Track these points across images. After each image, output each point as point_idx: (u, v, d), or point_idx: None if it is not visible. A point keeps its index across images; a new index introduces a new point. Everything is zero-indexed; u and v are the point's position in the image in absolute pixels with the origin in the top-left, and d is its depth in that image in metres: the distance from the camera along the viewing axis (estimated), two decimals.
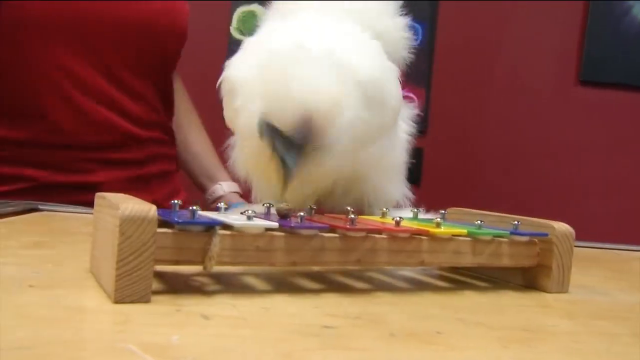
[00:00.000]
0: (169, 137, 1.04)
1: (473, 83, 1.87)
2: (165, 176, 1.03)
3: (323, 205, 0.68)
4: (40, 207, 0.82)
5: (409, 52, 0.69)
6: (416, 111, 0.73)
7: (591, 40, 1.89)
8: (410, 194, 0.71)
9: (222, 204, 0.47)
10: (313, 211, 0.51)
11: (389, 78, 0.62)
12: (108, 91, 0.90)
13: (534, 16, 1.90)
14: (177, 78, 1.13)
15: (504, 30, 1.90)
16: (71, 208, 0.84)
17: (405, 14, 0.69)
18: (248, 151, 0.59)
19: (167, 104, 1.04)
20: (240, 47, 0.64)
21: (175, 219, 0.39)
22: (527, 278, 0.54)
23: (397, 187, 0.70)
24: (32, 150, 0.91)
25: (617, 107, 1.93)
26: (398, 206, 0.70)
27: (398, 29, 0.69)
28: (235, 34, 1.83)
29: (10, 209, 0.75)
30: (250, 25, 1.76)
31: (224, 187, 1.08)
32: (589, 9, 1.89)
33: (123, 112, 0.93)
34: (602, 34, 1.90)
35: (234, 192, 1.09)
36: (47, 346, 0.28)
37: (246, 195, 1.02)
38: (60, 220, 0.77)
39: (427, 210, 0.63)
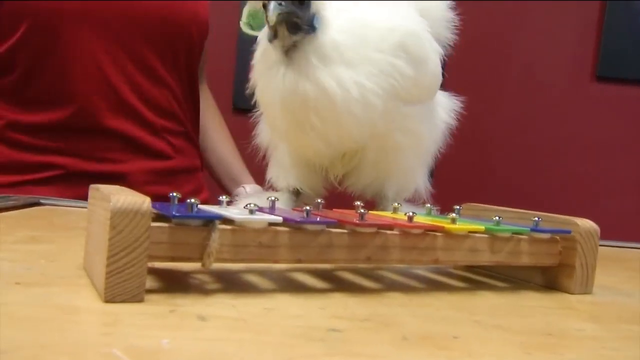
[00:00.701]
0: (190, 131, 1.05)
1: (488, 79, 1.83)
2: (190, 172, 1.04)
3: (347, 181, 0.68)
4: (42, 201, 0.80)
5: (451, 33, 0.70)
6: (458, 106, 0.73)
7: (608, 36, 1.85)
8: (429, 187, 0.70)
9: (223, 197, 0.44)
10: (321, 205, 0.48)
11: (430, 44, 0.64)
12: (134, 75, 0.92)
13: (551, 11, 1.86)
14: (204, 82, 1.14)
15: (519, 25, 1.86)
16: (73, 202, 0.82)
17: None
18: (258, 57, 0.61)
19: (192, 97, 1.05)
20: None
21: (172, 212, 0.37)
22: (548, 278, 0.51)
23: (422, 175, 0.70)
24: (61, 137, 0.92)
25: (635, 103, 1.89)
26: (418, 195, 0.69)
27: (441, 9, 0.70)
28: (244, 28, 1.80)
29: (10, 202, 0.73)
30: (260, 20, 1.74)
31: (247, 189, 1.08)
32: (606, 4, 1.85)
33: (145, 98, 0.94)
34: (620, 29, 1.86)
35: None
36: (23, 350, 0.25)
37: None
38: (61, 214, 0.74)
39: (442, 212, 0.61)
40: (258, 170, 0.77)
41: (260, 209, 0.42)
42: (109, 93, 0.91)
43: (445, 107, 0.73)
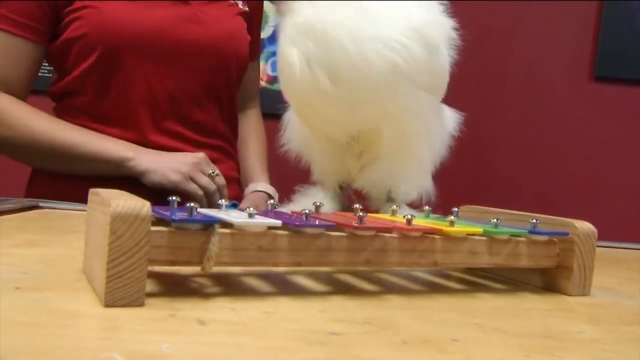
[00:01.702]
0: (227, 147, 1.14)
1: (487, 79, 1.83)
2: (228, 182, 1.09)
3: (363, 174, 0.71)
4: (41, 204, 0.80)
5: (455, 52, 0.72)
6: (460, 119, 0.76)
7: (606, 36, 1.85)
8: (432, 191, 0.71)
9: (223, 200, 0.44)
10: (320, 209, 0.48)
11: (443, 38, 0.67)
12: (180, 101, 1.04)
13: (548, 12, 1.86)
14: (251, 106, 1.27)
15: (517, 25, 1.86)
16: (72, 205, 0.82)
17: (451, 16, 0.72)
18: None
19: (230, 119, 1.15)
20: None
21: (172, 217, 0.37)
22: (546, 280, 0.51)
23: (427, 176, 0.72)
24: None
25: (632, 103, 1.89)
26: (425, 197, 0.71)
27: (446, 27, 0.71)
28: None
29: (9, 206, 0.73)
30: None
31: (250, 187, 1.15)
32: (604, 4, 1.85)
33: (191, 123, 1.06)
34: (617, 29, 1.86)
35: (258, 191, 1.14)
36: (22, 355, 0.25)
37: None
38: (60, 218, 0.74)
39: (441, 213, 0.62)
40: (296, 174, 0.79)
41: (260, 213, 0.42)
42: (157, 117, 1.02)
43: (450, 117, 0.74)
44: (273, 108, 0.72)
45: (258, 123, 1.28)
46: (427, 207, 0.55)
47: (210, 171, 0.98)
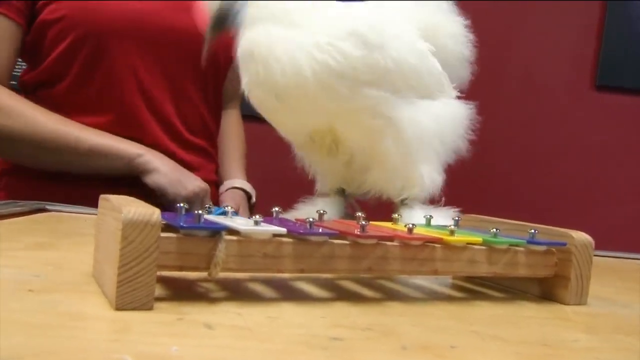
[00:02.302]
0: (212, 148, 1.14)
1: (487, 86, 1.84)
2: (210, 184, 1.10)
3: (353, 177, 0.72)
4: (48, 207, 0.81)
5: (469, 49, 0.75)
6: (473, 109, 0.77)
7: (608, 45, 1.86)
8: (440, 182, 0.71)
9: (229, 207, 0.45)
10: (322, 216, 0.49)
11: (397, 35, 0.67)
12: (168, 92, 1.03)
13: (549, 19, 1.87)
14: (238, 110, 1.27)
15: (518, 33, 1.87)
16: (79, 209, 0.83)
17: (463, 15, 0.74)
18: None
19: (215, 117, 1.14)
20: None
21: (180, 223, 0.38)
22: (544, 289, 0.52)
23: (428, 170, 0.70)
24: None
25: (635, 112, 1.89)
26: (424, 191, 0.70)
27: (454, 25, 0.74)
28: None
29: (17, 209, 0.75)
30: None
31: (226, 184, 1.15)
32: (606, 11, 1.86)
33: (177, 113, 1.04)
34: (619, 38, 1.86)
35: (235, 188, 1.14)
36: (33, 357, 0.26)
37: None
38: (67, 221, 0.76)
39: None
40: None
41: (265, 220, 0.43)
42: (147, 104, 1.01)
43: (452, 107, 0.75)
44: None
45: (238, 123, 1.28)
46: (429, 216, 0.56)
47: (207, 205, 0.97)
